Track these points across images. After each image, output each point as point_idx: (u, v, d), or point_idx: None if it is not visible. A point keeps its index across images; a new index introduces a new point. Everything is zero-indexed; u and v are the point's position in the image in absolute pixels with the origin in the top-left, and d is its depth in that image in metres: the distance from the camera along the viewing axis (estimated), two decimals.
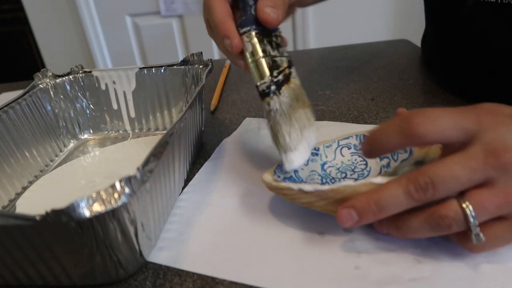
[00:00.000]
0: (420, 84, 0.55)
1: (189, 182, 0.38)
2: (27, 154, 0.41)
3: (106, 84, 0.48)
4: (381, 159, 0.34)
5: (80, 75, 0.48)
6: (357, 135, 0.36)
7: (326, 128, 0.45)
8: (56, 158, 0.45)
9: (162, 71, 0.47)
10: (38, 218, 0.21)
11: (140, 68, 0.47)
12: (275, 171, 0.32)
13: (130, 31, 1.54)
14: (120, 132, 0.50)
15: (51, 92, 0.46)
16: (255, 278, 0.26)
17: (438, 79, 0.55)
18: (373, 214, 0.25)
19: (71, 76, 0.48)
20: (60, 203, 0.21)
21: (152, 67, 0.47)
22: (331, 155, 0.36)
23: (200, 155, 0.43)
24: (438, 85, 0.54)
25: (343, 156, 0.36)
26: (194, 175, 0.39)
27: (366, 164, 0.35)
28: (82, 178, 0.41)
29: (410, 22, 1.46)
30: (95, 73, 0.48)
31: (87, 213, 0.21)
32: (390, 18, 1.49)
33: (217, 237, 0.31)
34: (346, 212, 0.26)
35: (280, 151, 0.31)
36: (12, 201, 0.38)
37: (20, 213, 0.22)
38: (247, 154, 0.41)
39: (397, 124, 0.25)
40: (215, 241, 0.30)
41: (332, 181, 0.34)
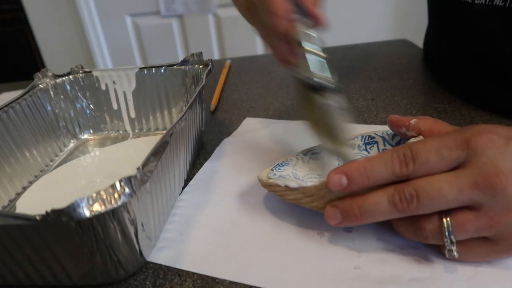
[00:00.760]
0: (420, 84, 0.55)
1: (189, 182, 0.38)
2: (27, 154, 0.41)
3: (106, 84, 0.48)
4: None
5: (80, 75, 0.48)
6: (362, 136, 0.36)
7: None
8: (56, 158, 0.45)
9: (162, 71, 0.47)
10: (38, 218, 0.21)
11: (140, 68, 0.47)
12: (272, 169, 0.32)
13: (130, 31, 1.54)
14: (120, 132, 0.50)
15: (51, 92, 0.46)
16: (255, 278, 0.26)
17: (438, 79, 0.55)
18: (355, 217, 0.26)
19: (71, 76, 0.48)
20: (60, 203, 0.21)
21: (152, 67, 0.47)
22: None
23: (200, 155, 0.43)
24: (438, 85, 0.54)
25: None
26: (194, 175, 0.39)
27: None
28: (82, 178, 0.41)
29: (410, 22, 1.46)
30: (95, 73, 0.48)
31: (87, 213, 0.21)
32: (390, 18, 1.49)
33: (217, 237, 0.31)
34: (332, 211, 0.27)
35: (336, 145, 0.31)
36: (12, 201, 0.38)
37: (20, 213, 0.22)
38: (247, 154, 0.41)
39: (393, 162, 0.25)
40: (215, 241, 0.30)
41: None
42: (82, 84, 0.48)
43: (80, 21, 1.50)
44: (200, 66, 0.45)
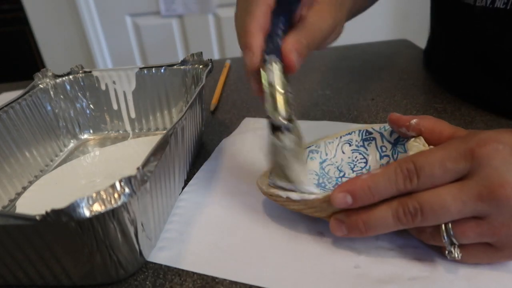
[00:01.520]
0: (420, 84, 0.55)
1: (189, 182, 0.38)
2: (27, 154, 0.41)
3: (106, 84, 0.48)
4: (381, 157, 0.34)
5: (80, 75, 0.48)
6: (359, 131, 0.35)
7: (326, 128, 0.45)
8: (56, 158, 0.45)
9: (162, 71, 0.47)
10: (38, 218, 0.21)
11: (140, 68, 0.47)
12: (271, 172, 0.32)
13: (130, 31, 1.54)
14: (120, 132, 0.50)
15: (51, 92, 0.46)
16: (255, 278, 0.26)
17: (438, 79, 0.55)
18: (360, 232, 0.26)
19: (71, 76, 0.48)
20: (60, 203, 0.21)
21: (152, 67, 0.47)
22: (332, 152, 0.35)
23: (200, 155, 0.43)
24: (438, 85, 0.54)
25: (343, 153, 0.35)
26: (194, 175, 0.39)
27: (366, 162, 0.35)
28: (82, 178, 0.41)
29: (410, 22, 1.46)
30: (95, 73, 0.48)
31: (87, 213, 0.21)
32: (390, 18, 1.49)
33: (217, 236, 0.31)
34: (337, 224, 0.27)
35: (288, 184, 0.30)
36: (12, 201, 0.38)
37: (20, 213, 0.22)
38: (247, 153, 0.41)
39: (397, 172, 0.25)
40: (215, 240, 0.30)
41: (329, 180, 0.34)
42: (82, 84, 0.48)
43: (80, 21, 1.50)
44: (200, 66, 0.45)
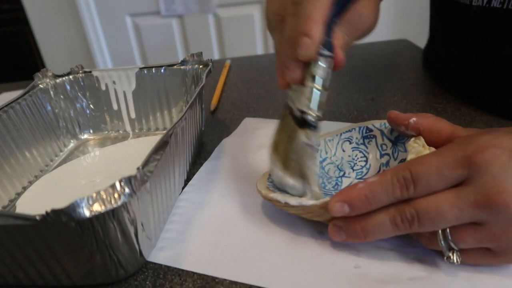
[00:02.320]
0: (420, 84, 0.55)
1: (189, 181, 0.38)
2: (27, 154, 0.41)
3: (106, 84, 0.48)
4: (381, 156, 0.34)
5: (80, 75, 0.48)
6: (360, 127, 0.35)
7: (326, 128, 0.45)
8: (56, 158, 0.45)
9: (162, 71, 0.47)
10: (38, 218, 0.21)
11: (140, 68, 0.47)
12: (270, 175, 0.32)
13: (130, 31, 1.54)
14: (120, 132, 0.50)
15: (51, 92, 0.46)
16: (255, 278, 0.26)
17: (438, 79, 0.55)
18: (359, 238, 0.26)
19: (71, 76, 0.48)
20: (60, 203, 0.21)
21: (152, 67, 0.47)
22: (332, 150, 0.35)
23: (200, 155, 0.43)
24: (438, 85, 0.54)
25: (344, 151, 0.35)
26: (194, 175, 0.39)
27: (366, 161, 0.34)
28: (82, 178, 0.41)
29: (410, 22, 1.46)
30: (95, 73, 0.48)
31: (87, 213, 0.21)
32: (390, 18, 1.49)
33: (217, 236, 0.31)
34: (336, 231, 0.27)
35: (303, 181, 0.30)
36: (12, 201, 0.38)
37: (20, 213, 0.22)
38: (247, 154, 0.41)
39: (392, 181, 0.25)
40: (215, 240, 0.30)
41: (329, 181, 0.34)
42: (82, 84, 0.48)
43: (80, 21, 1.50)
44: (200, 66, 0.45)
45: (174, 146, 0.32)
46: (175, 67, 0.47)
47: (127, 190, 0.22)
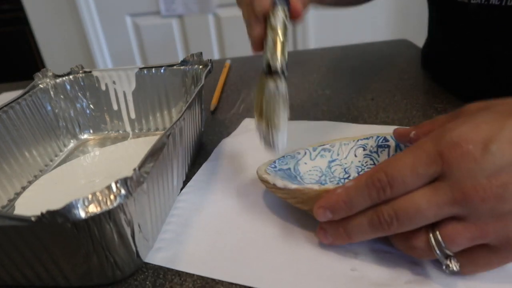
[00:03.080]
0: (420, 84, 0.55)
1: (188, 182, 0.38)
2: (27, 154, 0.41)
3: (106, 84, 0.48)
4: None
5: (80, 75, 0.48)
6: (377, 137, 0.35)
7: (326, 128, 0.45)
8: (56, 158, 0.45)
9: (162, 71, 0.47)
10: (33, 219, 0.21)
11: (140, 68, 0.47)
12: (275, 161, 0.33)
13: (130, 31, 1.54)
14: (120, 132, 0.50)
15: (51, 92, 0.46)
16: (252, 279, 0.26)
17: (438, 79, 0.55)
18: (343, 239, 0.26)
19: (71, 76, 0.48)
20: (60, 203, 0.21)
21: (152, 67, 0.47)
22: (344, 153, 0.35)
23: (200, 155, 0.43)
24: (438, 85, 0.54)
25: (356, 156, 0.35)
26: (193, 175, 0.39)
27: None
28: (82, 178, 0.41)
29: (410, 22, 1.46)
30: (95, 73, 0.48)
31: (82, 214, 0.21)
32: (390, 18, 1.49)
33: (214, 238, 0.30)
34: (322, 233, 0.28)
35: (270, 130, 0.31)
36: (12, 201, 0.38)
37: (16, 214, 0.22)
38: (246, 154, 0.41)
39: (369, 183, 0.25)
40: (213, 242, 0.30)
41: (332, 179, 0.34)
42: (82, 84, 0.48)
43: (80, 21, 1.50)
44: (200, 66, 0.45)
45: (172, 146, 0.31)
46: (175, 67, 0.47)
47: (123, 192, 0.22)
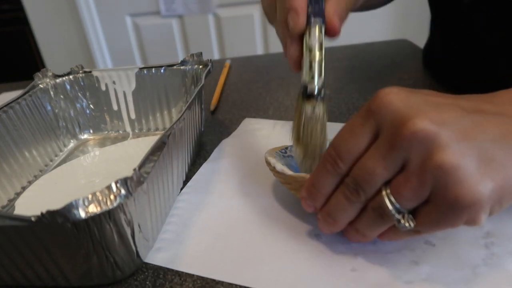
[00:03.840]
0: (420, 84, 0.55)
1: (188, 182, 0.38)
2: (26, 154, 0.41)
3: (106, 84, 0.48)
4: None
5: (80, 75, 0.48)
6: None
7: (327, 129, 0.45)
8: (56, 158, 0.45)
9: (162, 71, 0.47)
10: (33, 219, 0.21)
11: (140, 68, 0.47)
12: (287, 146, 0.34)
13: (130, 31, 1.54)
14: (120, 132, 0.50)
15: (51, 92, 0.46)
16: (252, 280, 0.26)
17: (438, 79, 0.55)
18: (332, 225, 0.26)
19: (71, 76, 0.48)
20: (60, 203, 0.21)
21: (152, 67, 0.47)
22: None
23: (200, 155, 0.43)
24: (438, 85, 0.54)
25: None
26: (193, 175, 0.39)
27: None
28: (82, 178, 0.41)
29: (410, 22, 1.46)
30: (95, 73, 0.48)
31: (82, 214, 0.21)
32: (390, 18, 1.49)
33: (214, 238, 0.30)
34: (319, 223, 0.27)
35: (306, 157, 0.30)
36: (12, 201, 0.38)
37: (15, 214, 0.22)
38: (246, 154, 0.41)
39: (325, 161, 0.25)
40: (213, 242, 0.30)
41: None
42: (82, 84, 0.48)
43: (80, 21, 1.50)
44: (200, 66, 0.45)
45: (172, 146, 0.31)
46: (175, 67, 0.47)
47: (123, 192, 0.22)
